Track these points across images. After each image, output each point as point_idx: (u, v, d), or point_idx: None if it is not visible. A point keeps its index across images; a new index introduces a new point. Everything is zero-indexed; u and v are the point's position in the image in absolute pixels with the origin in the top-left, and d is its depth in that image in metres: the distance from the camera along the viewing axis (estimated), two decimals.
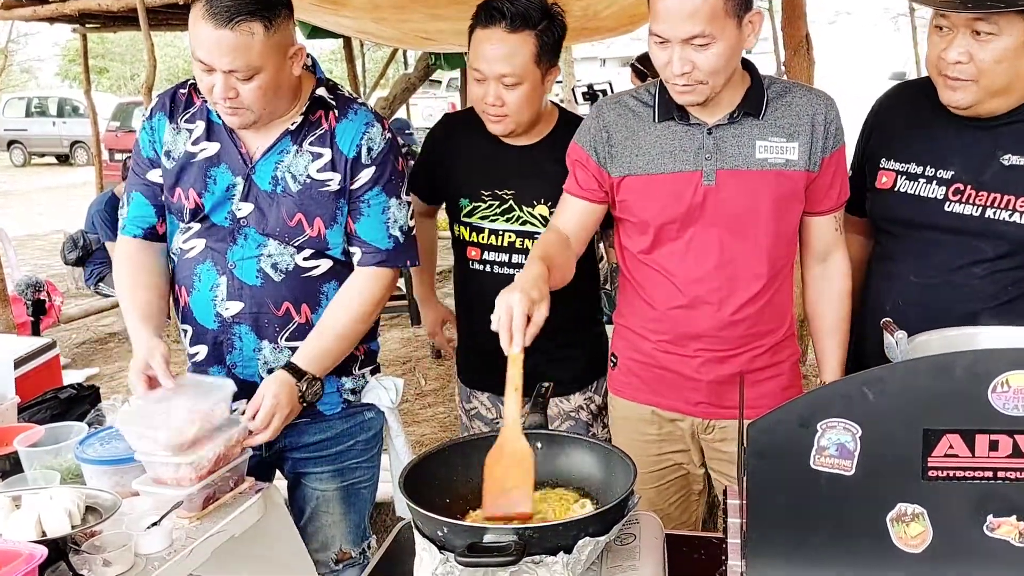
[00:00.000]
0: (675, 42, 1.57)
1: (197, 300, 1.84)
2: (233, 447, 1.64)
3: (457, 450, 1.46)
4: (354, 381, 1.94)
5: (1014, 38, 1.57)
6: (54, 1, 6.68)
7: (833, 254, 1.83)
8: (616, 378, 1.94)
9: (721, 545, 1.24)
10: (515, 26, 1.89)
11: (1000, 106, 1.67)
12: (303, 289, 1.83)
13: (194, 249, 1.84)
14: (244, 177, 1.80)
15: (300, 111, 1.81)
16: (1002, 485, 1.07)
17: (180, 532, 1.50)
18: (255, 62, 1.65)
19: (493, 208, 2.08)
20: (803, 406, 1.09)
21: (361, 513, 2.01)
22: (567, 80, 14.14)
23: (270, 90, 1.70)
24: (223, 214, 1.81)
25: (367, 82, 10.15)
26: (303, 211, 1.79)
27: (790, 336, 1.85)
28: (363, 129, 1.82)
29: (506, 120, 1.99)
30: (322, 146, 1.81)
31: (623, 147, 1.74)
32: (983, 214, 1.70)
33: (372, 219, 1.83)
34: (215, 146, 1.82)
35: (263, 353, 1.83)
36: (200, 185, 1.81)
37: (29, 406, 2.39)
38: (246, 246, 1.81)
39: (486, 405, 2.25)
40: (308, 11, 3.81)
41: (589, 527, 1.21)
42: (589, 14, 3.83)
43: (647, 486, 1.89)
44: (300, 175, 1.80)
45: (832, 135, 1.72)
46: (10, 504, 1.42)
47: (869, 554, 1.10)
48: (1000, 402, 1.05)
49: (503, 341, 1.38)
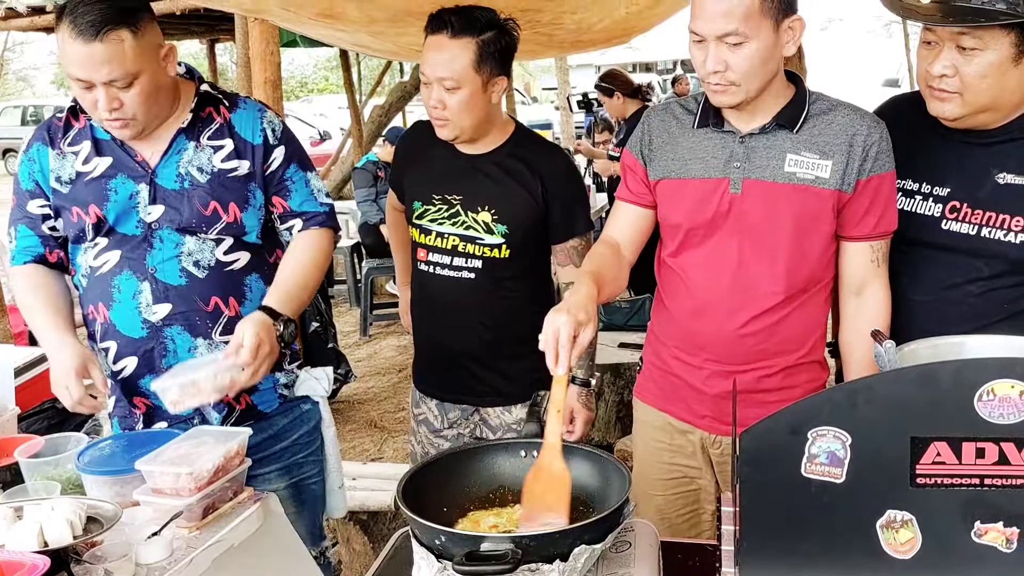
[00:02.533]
0: (710, 40, 1.58)
1: (119, 312, 1.84)
2: (232, 458, 1.65)
3: (454, 459, 1.47)
4: (287, 376, 1.98)
5: (998, 53, 1.57)
6: (51, 11, 6.70)
7: (868, 287, 1.73)
8: (640, 381, 1.98)
9: (715, 552, 1.25)
10: (456, 33, 1.98)
11: (990, 120, 1.67)
12: (227, 283, 1.86)
13: (108, 263, 1.84)
14: (147, 182, 1.82)
15: (188, 109, 1.85)
16: (989, 492, 1.08)
17: (180, 542, 1.51)
18: (131, 68, 1.69)
19: (441, 211, 2.14)
20: (794, 414, 1.11)
21: (314, 511, 2.03)
22: (562, 88, 14.18)
23: (151, 94, 1.74)
24: (132, 223, 1.82)
25: (363, 90, 10.17)
26: (216, 198, 1.83)
27: (811, 362, 1.79)
28: (259, 115, 1.90)
29: (449, 124, 2.05)
30: (221, 138, 1.86)
31: (661, 151, 1.77)
32: (979, 233, 1.69)
33: (300, 192, 1.93)
34: (107, 160, 1.84)
35: (199, 351, 1.84)
36: (99, 199, 1.82)
37: (26, 416, 2.40)
38: (164, 248, 1.82)
39: (434, 413, 2.28)
40: (304, 24, 3.82)
41: (585, 535, 1.22)
42: (583, 27, 3.85)
43: (656, 492, 1.90)
44: (206, 167, 1.84)
45: (873, 158, 1.65)
46: (12, 515, 1.43)
47: (859, 560, 1.11)
48: (986, 410, 1.07)
49: (549, 361, 1.39)
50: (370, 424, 4.67)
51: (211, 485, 1.58)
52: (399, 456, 4.22)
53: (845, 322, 1.79)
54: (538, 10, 3.41)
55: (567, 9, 3.54)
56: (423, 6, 3.36)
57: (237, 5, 3.86)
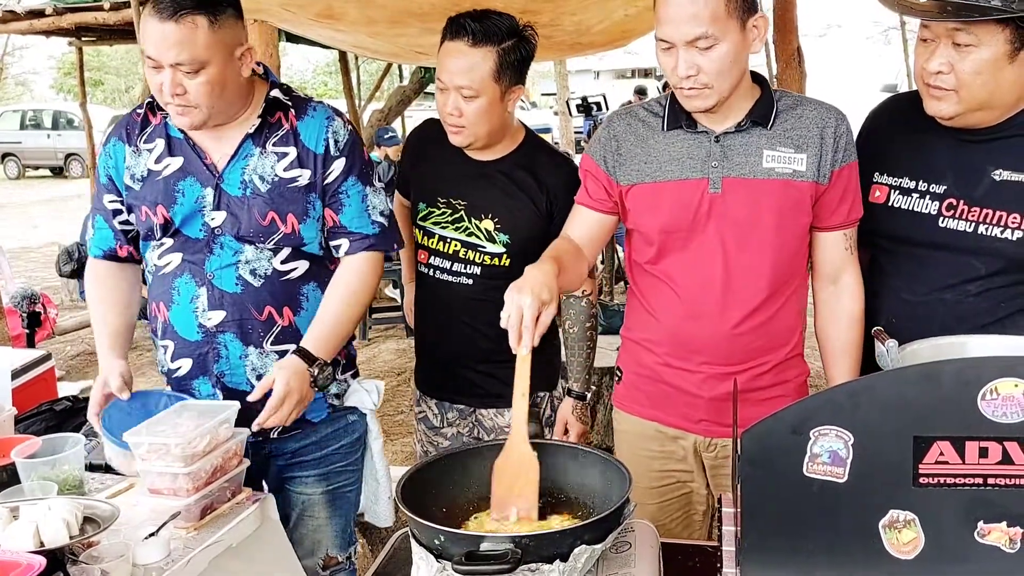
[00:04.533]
0: (679, 45, 1.59)
1: (178, 314, 1.85)
2: (230, 458, 1.65)
3: (454, 459, 1.47)
4: (338, 386, 1.96)
5: (993, 50, 1.57)
6: (51, 15, 6.71)
7: (843, 275, 1.79)
8: (620, 392, 1.95)
9: (716, 553, 1.24)
10: (477, 41, 1.95)
11: (986, 118, 1.68)
12: (283, 292, 1.85)
13: (170, 264, 1.85)
14: (213, 187, 1.82)
15: (257, 113, 1.84)
16: (992, 491, 1.08)
17: (178, 542, 1.51)
18: (200, 55, 1.68)
19: (446, 215, 2.13)
20: (795, 414, 1.10)
21: (346, 517, 2.03)
22: (561, 92, 14.22)
23: (217, 86, 1.73)
24: (196, 226, 1.83)
25: (362, 94, 10.17)
26: (275, 209, 1.81)
27: (797, 356, 1.83)
28: (326, 124, 1.86)
29: (464, 132, 2.03)
30: (286, 145, 1.84)
31: (632, 156, 1.76)
32: (976, 230, 1.70)
33: (353, 208, 1.87)
34: (178, 160, 1.84)
35: (250, 359, 1.84)
36: (167, 200, 1.82)
37: (24, 418, 2.39)
38: (223, 255, 1.82)
39: (433, 411, 2.28)
40: (303, 25, 3.83)
41: (585, 535, 1.22)
42: (581, 29, 3.86)
43: (650, 501, 1.88)
44: (268, 175, 1.82)
45: (842, 148, 1.70)
46: (8, 515, 1.42)
47: (862, 561, 1.10)
48: (989, 409, 1.06)
49: (512, 341, 1.38)
50: None
51: (209, 485, 1.58)
52: (399, 459, 4.21)
53: (822, 310, 1.83)
54: (537, 11, 3.42)
55: (566, 11, 3.55)
56: (422, 7, 3.37)
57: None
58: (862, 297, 1.80)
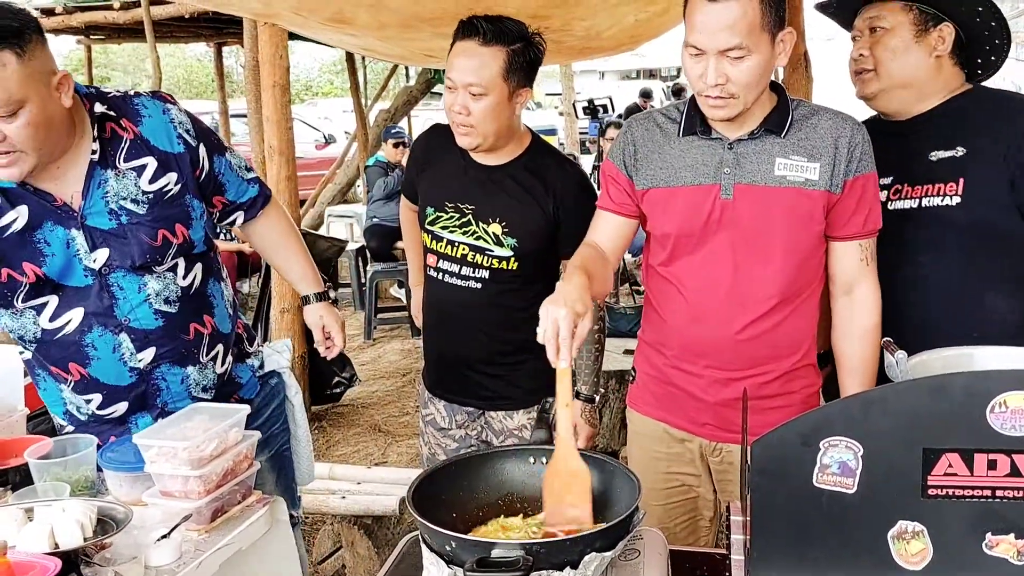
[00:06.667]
0: (711, 54, 1.59)
1: (101, 367, 1.75)
2: (241, 461, 1.66)
3: (464, 465, 1.48)
4: (256, 358, 2.04)
5: (901, 32, 1.85)
6: (60, 13, 6.74)
7: (858, 287, 1.76)
8: (633, 392, 1.97)
9: (724, 561, 1.25)
10: (488, 40, 1.99)
11: (912, 97, 1.88)
12: (198, 304, 1.84)
13: (71, 322, 1.71)
14: (79, 227, 1.67)
15: (92, 137, 1.67)
16: (1000, 504, 1.09)
17: (189, 545, 1.52)
18: (15, 95, 1.50)
19: (454, 219, 2.15)
20: (805, 424, 1.11)
21: (289, 476, 2.10)
22: (566, 93, 14.21)
23: (41, 126, 1.55)
24: (78, 273, 1.69)
25: (368, 94, 10.18)
26: (164, 226, 1.73)
27: (805, 366, 1.81)
28: (167, 119, 1.76)
29: (472, 132, 2.05)
30: (139, 157, 1.71)
31: (648, 160, 1.78)
32: (920, 205, 1.86)
33: (232, 181, 1.92)
34: (23, 209, 1.65)
35: (192, 378, 1.84)
36: (32, 255, 1.65)
37: (33, 416, 2.40)
38: (128, 295, 1.72)
39: (442, 413, 2.30)
40: (314, 29, 3.85)
41: (595, 543, 1.23)
42: (591, 34, 3.87)
43: (656, 503, 1.89)
44: (138, 196, 1.70)
45: (857, 159, 1.69)
46: (23, 516, 1.44)
47: (871, 571, 1.11)
48: (998, 422, 1.07)
49: (550, 354, 1.38)
50: (374, 428, 4.68)
51: (220, 488, 1.59)
52: (403, 460, 4.23)
53: (837, 323, 1.81)
54: (547, 16, 3.43)
55: (577, 16, 3.56)
56: (434, 12, 3.39)
57: (248, 10, 3.88)
58: (878, 310, 1.78)
